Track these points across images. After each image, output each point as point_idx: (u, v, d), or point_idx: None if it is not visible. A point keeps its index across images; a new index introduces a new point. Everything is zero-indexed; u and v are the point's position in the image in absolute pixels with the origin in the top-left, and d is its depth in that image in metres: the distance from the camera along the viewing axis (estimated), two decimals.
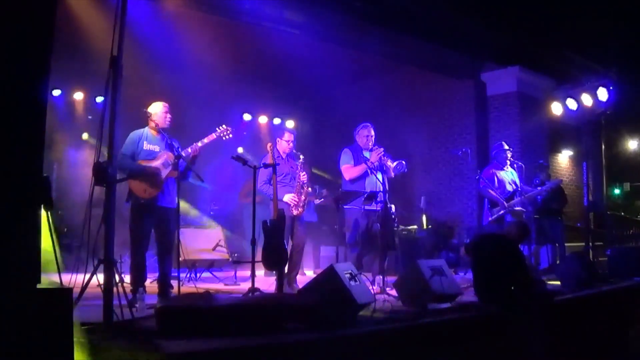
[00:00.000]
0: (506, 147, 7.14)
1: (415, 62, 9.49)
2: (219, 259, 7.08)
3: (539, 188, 7.36)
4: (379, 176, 5.86)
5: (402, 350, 3.62)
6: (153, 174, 4.82)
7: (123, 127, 3.97)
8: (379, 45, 8.49)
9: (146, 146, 4.90)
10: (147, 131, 4.98)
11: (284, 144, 5.87)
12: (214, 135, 5.11)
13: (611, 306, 5.69)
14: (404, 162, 5.97)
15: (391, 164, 5.95)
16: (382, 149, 5.97)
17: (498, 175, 6.99)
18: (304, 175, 5.72)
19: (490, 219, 6.94)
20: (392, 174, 6.00)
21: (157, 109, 5.02)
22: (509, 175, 7.05)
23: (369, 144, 6.09)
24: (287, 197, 5.61)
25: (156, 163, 4.87)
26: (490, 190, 6.88)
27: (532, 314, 4.56)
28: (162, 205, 4.86)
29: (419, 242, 8.27)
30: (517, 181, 7.04)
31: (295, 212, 5.61)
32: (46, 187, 4.11)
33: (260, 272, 6.54)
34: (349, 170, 6.04)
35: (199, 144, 4.99)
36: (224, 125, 5.20)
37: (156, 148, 4.94)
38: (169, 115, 5.03)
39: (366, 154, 6.04)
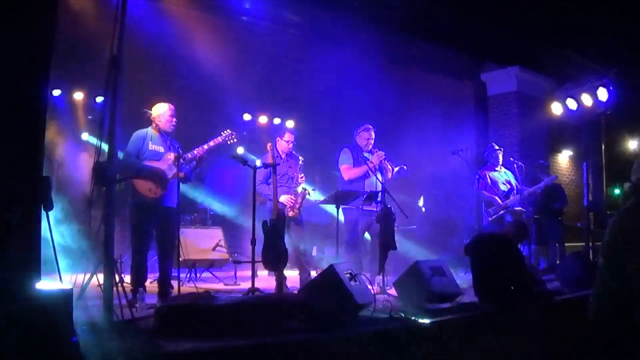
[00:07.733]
0: (497, 147, 7.22)
1: (415, 62, 9.48)
2: (219, 259, 7.08)
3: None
4: (379, 176, 5.85)
5: (402, 350, 3.62)
6: (160, 176, 4.80)
7: (123, 127, 3.97)
8: (379, 46, 8.48)
9: (151, 146, 4.88)
10: (151, 131, 4.95)
11: (284, 144, 5.84)
12: (219, 139, 5.13)
13: None
14: (405, 167, 5.97)
15: (392, 168, 5.94)
16: (383, 153, 5.96)
17: (491, 176, 7.07)
18: (302, 177, 5.71)
19: (490, 218, 6.97)
20: (390, 176, 5.99)
21: (162, 111, 4.96)
22: (502, 176, 7.11)
23: (368, 146, 6.09)
24: (283, 198, 5.58)
25: (162, 164, 4.86)
26: (484, 192, 6.99)
27: (532, 314, 4.56)
28: (165, 205, 4.85)
29: (419, 241, 8.25)
30: (513, 181, 7.07)
31: (291, 214, 5.57)
32: (46, 187, 4.11)
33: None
34: (348, 170, 6.03)
35: (205, 146, 4.99)
36: (228, 130, 5.21)
37: (161, 149, 4.92)
38: (174, 120, 4.98)
39: (366, 155, 6.04)
